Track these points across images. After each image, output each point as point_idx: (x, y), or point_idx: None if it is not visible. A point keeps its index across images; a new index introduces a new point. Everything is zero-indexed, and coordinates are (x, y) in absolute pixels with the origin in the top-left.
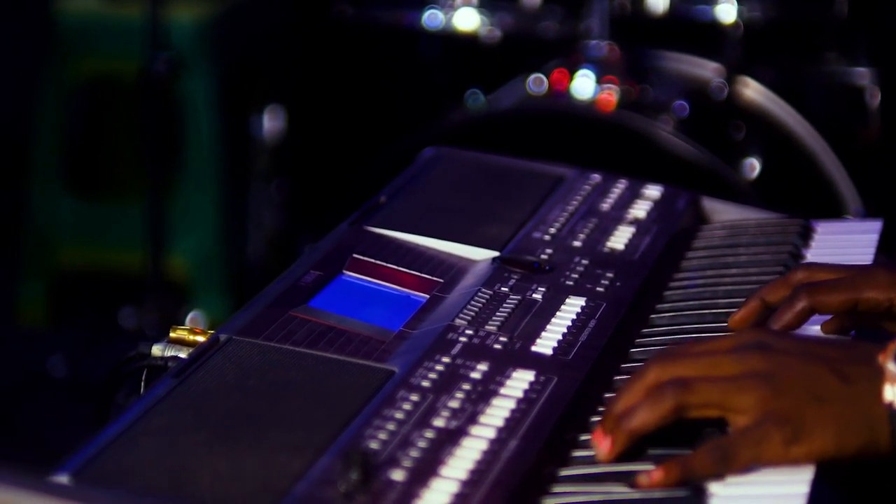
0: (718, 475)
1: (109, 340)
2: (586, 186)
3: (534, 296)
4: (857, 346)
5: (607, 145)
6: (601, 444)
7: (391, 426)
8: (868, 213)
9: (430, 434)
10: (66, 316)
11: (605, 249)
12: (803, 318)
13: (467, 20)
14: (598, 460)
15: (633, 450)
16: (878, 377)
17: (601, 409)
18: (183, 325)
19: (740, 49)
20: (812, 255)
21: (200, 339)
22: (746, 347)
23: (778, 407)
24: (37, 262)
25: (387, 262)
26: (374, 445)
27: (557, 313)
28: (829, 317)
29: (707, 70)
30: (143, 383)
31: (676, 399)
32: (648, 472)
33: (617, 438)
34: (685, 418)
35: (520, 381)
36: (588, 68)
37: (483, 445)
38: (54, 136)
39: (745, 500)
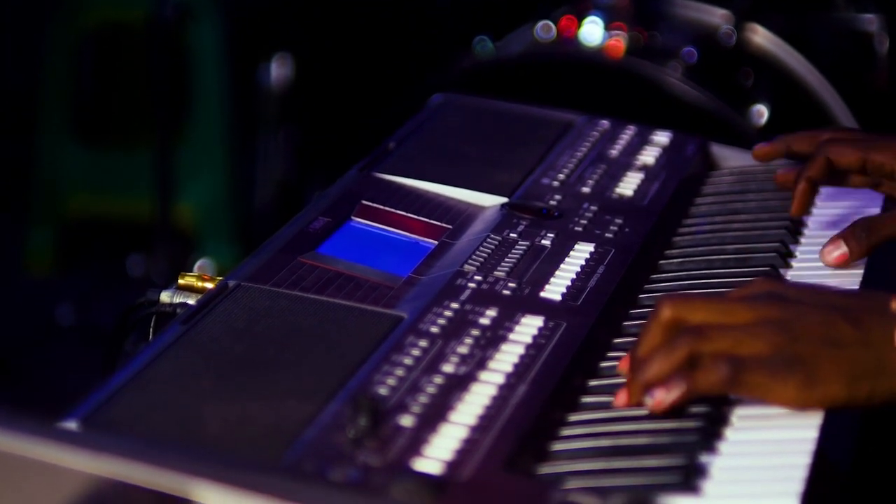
0: (722, 391)
1: (118, 288)
2: (595, 133)
3: (542, 242)
4: (871, 294)
5: (616, 92)
6: (619, 399)
7: (400, 372)
8: None
9: (438, 380)
10: (74, 264)
11: (614, 195)
12: (823, 168)
13: None
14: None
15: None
16: (892, 324)
17: (610, 354)
18: (191, 272)
19: None
20: (820, 200)
21: (209, 285)
22: (760, 297)
23: (792, 351)
24: (45, 210)
25: (395, 209)
26: (382, 391)
27: (566, 259)
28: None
29: (715, 16)
30: (151, 330)
31: (690, 346)
32: (651, 392)
33: (633, 391)
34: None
35: (528, 327)
36: (596, 15)
37: (492, 391)
38: (63, 84)
39: (753, 445)
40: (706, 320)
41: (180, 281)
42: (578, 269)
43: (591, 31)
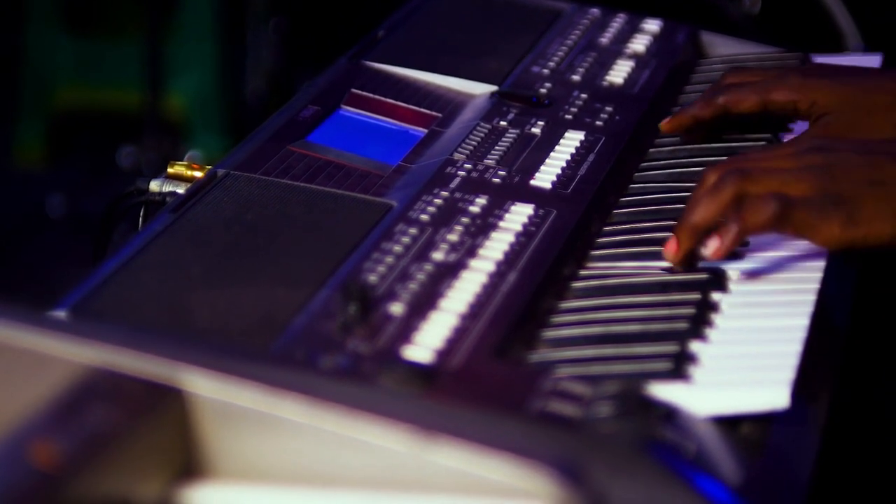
0: (771, 230)
1: (108, 179)
2: (585, 21)
3: (532, 130)
4: None
5: None
6: (668, 247)
7: (390, 260)
8: (867, 48)
9: (428, 267)
10: (64, 156)
11: (604, 83)
12: (715, 112)
13: None
14: (669, 262)
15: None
16: None
17: (600, 241)
18: (181, 161)
19: None
20: (817, 59)
21: (198, 174)
22: (806, 149)
23: (836, 191)
24: (35, 101)
25: (385, 97)
26: (372, 279)
27: (556, 147)
28: None
29: None
30: (140, 219)
31: (736, 187)
32: (705, 242)
33: (682, 237)
34: None
35: (519, 215)
36: None
37: (482, 279)
38: None
39: (744, 333)
40: (753, 165)
41: (169, 170)
42: (568, 157)
43: None
